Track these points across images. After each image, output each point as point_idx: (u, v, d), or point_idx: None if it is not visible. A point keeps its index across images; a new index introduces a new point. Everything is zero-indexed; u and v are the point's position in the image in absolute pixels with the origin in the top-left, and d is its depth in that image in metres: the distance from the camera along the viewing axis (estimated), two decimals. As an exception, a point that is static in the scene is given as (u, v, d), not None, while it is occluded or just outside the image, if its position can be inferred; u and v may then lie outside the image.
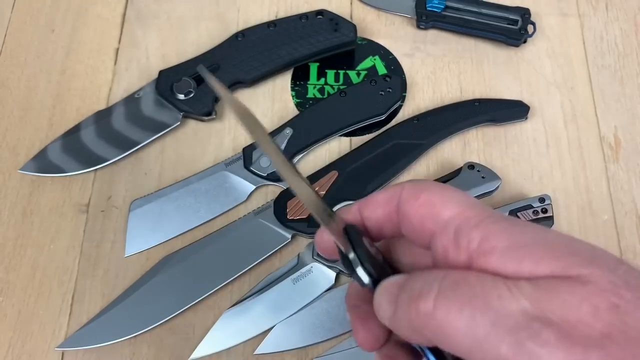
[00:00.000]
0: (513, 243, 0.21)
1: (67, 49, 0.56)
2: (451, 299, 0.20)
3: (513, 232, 0.22)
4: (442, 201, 0.24)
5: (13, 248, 0.47)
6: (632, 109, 0.53)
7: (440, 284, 0.21)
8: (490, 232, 0.22)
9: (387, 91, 0.51)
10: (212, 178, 0.49)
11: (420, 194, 0.25)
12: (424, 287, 0.21)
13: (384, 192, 0.27)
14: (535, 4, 0.57)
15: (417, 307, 0.21)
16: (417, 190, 0.25)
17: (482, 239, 0.22)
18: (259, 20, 0.56)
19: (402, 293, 0.23)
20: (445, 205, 0.24)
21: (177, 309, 0.45)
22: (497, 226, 0.22)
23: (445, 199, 0.24)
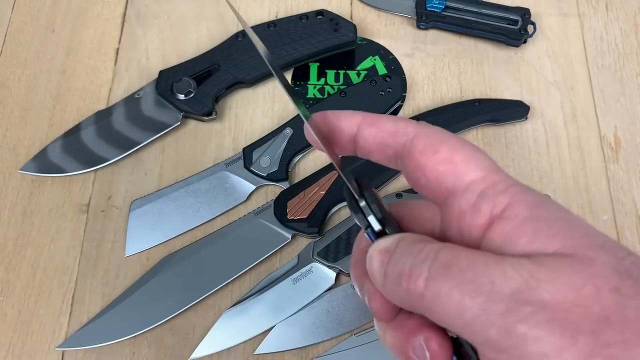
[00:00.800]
0: (535, 215, 0.21)
1: (67, 49, 0.56)
2: (441, 282, 0.20)
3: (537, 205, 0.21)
4: (465, 160, 0.22)
5: (13, 248, 0.47)
6: (632, 109, 0.53)
7: (431, 265, 0.20)
8: (515, 200, 0.21)
9: (387, 91, 0.51)
10: (212, 178, 0.49)
11: (439, 147, 0.23)
12: (415, 266, 0.21)
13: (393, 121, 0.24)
14: (536, 4, 0.57)
15: (407, 287, 0.21)
16: (436, 141, 0.23)
17: (508, 205, 0.21)
18: (259, 20, 0.56)
19: (390, 264, 0.22)
20: (468, 166, 0.22)
21: (177, 309, 0.45)
22: (522, 196, 0.21)
23: (468, 158, 0.22)
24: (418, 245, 0.22)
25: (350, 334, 0.45)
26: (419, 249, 0.21)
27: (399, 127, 0.24)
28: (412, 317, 0.23)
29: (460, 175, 0.22)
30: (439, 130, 0.24)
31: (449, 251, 0.21)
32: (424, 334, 0.23)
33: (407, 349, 0.23)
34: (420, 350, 0.23)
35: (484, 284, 0.19)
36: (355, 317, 0.45)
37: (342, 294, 0.45)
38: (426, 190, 0.24)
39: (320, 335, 0.44)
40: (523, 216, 0.21)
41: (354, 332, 0.45)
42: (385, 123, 0.25)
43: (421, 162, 0.23)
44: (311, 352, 0.44)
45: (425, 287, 0.20)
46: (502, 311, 0.19)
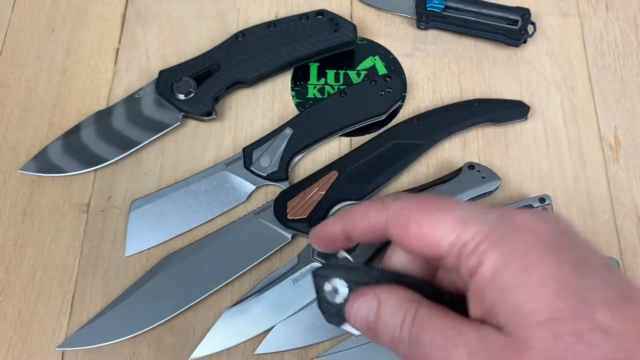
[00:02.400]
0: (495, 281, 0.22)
1: (67, 49, 0.56)
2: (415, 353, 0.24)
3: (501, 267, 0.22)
4: (434, 228, 0.24)
5: (13, 248, 0.47)
6: (632, 109, 0.53)
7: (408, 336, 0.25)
8: (482, 261, 0.23)
9: (387, 91, 0.51)
10: (212, 178, 0.49)
11: (408, 225, 0.25)
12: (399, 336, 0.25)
13: (364, 216, 0.27)
14: (536, 4, 0.57)
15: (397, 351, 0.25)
16: (403, 220, 0.25)
17: (477, 266, 0.23)
18: (259, 20, 0.56)
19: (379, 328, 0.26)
20: (439, 232, 0.24)
21: (177, 309, 0.45)
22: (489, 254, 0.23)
23: (437, 225, 0.24)
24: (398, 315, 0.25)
25: (350, 335, 0.45)
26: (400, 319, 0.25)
27: (372, 223, 0.27)
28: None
29: (437, 243, 0.24)
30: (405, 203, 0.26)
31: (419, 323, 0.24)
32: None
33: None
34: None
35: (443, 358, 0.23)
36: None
37: (342, 294, 0.45)
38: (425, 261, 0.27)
39: (320, 335, 0.44)
40: (486, 280, 0.23)
41: (354, 332, 0.45)
42: (361, 222, 0.28)
43: (400, 243, 0.26)
44: (311, 352, 0.44)
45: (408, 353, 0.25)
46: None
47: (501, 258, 0.23)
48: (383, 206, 0.26)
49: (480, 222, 0.24)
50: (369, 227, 0.27)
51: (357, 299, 0.27)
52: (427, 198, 0.26)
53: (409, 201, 0.26)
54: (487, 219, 0.24)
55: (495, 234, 0.23)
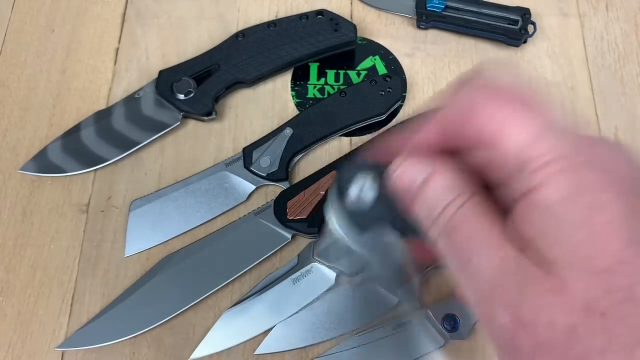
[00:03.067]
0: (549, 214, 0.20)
1: (67, 49, 0.56)
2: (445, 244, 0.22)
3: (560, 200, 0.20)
4: (520, 115, 0.21)
5: (13, 248, 0.47)
6: (633, 109, 0.53)
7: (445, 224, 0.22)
8: (544, 185, 0.20)
9: (387, 91, 0.51)
10: (212, 178, 0.49)
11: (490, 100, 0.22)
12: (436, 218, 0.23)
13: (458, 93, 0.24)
14: (536, 4, 0.57)
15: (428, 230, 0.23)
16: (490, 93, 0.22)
17: (535, 188, 0.20)
18: (259, 20, 0.56)
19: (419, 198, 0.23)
20: (522, 122, 0.21)
21: (177, 309, 0.45)
22: (554, 179, 0.20)
23: (514, 115, 0.21)
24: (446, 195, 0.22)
25: (350, 334, 0.45)
26: (445, 202, 0.22)
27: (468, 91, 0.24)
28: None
29: (503, 136, 0.21)
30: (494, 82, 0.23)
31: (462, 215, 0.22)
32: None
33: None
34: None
35: (471, 264, 0.21)
36: (356, 317, 0.45)
37: (342, 294, 0.45)
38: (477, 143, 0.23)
39: (320, 335, 0.44)
40: (542, 206, 0.20)
41: (354, 332, 0.45)
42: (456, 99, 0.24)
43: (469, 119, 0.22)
44: (311, 353, 0.44)
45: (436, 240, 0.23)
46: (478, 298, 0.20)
47: (572, 186, 0.20)
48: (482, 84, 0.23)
49: (558, 140, 0.21)
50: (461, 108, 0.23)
51: (408, 159, 0.24)
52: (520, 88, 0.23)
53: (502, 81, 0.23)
54: (566, 139, 0.21)
55: (570, 158, 0.20)
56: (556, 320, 0.18)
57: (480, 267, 0.20)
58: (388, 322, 0.44)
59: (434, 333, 0.44)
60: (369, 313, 0.45)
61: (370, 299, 0.45)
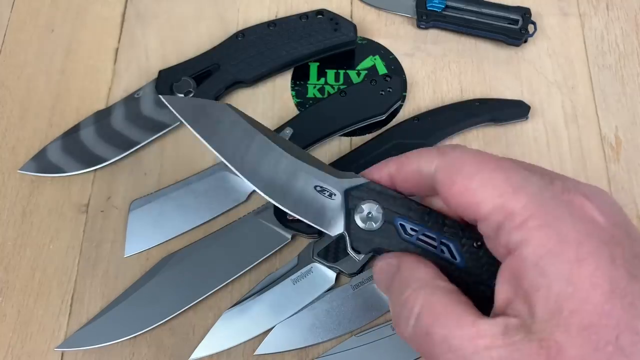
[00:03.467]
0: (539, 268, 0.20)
1: (67, 48, 0.55)
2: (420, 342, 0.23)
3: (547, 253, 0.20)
4: (481, 187, 0.22)
5: (12, 248, 0.47)
6: (633, 109, 0.53)
7: (414, 325, 0.23)
8: (527, 240, 0.21)
9: (388, 91, 0.51)
10: (212, 178, 0.49)
11: (455, 177, 0.23)
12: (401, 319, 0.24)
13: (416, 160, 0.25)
14: (536, 3, 0.57)
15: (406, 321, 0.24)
16: (452, 172, 0.23)
17: (520, 243, 0.21)
18: (259, 20, 0.56)
19: (391, 294, 0.25)
20: (485, 194, 0.22)
21: (177, 309, 0.45)
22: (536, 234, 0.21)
23: (484, 185, 0.22)
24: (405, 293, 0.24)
25: (350, 335, 0.44)
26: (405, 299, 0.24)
27: (421, 167, 0.25)
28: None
29: (479, 204, 0.22)
30: (457, 155, 0.24)
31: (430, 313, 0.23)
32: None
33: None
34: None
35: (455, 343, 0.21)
36: (356, 317, 0.45)
37: (342, 294, 0.45)
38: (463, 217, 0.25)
39: (320, 335, 0.44)
40: (529, 262, 0.20)
41: (354, 332, 0.45)
42: (410, 166, 0.26)
43: (443, 194, 0.24)
44: (311, 353, 0.44)
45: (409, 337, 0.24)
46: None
47: (552, 241, 0.20)
48: (438, 152, 0.24)
49: (534, 194, 0.21)
50: (417, 172, 0.25)
51: (380, 260, 0.27)
52: (484, 153, 0.23)
53: (465, 152, 0.24)
54: (542, 193, 0.21)
55: (548, 212, 0.21)
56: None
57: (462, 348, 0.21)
58: (388, 322, 0.44)
59: (434, 333, 0.44)
60: (369, 313, 0.45)
61: (370, 299, 0.45)
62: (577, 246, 0.20)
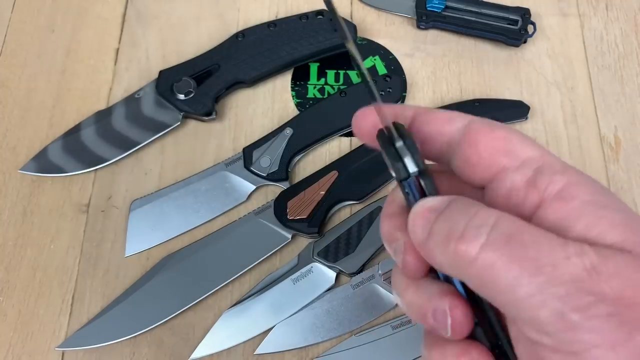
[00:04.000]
0: (596, 200, 0.20)
1: (67, 49, 0.56)
2: (499, 253, 0.19)
3: (597, 191, 0.20)
4: (521, 141, 0.22)
5: (13, 248, 0.47)
6: (632, 109, 0.53)
7: (490, 232, 0.19)
8: (574, 182, 0.20)
9: (388, 91, 0.51)
10: (212, 178, 0.49)
11: (496, 128, 0.23)
12: (470, 229, 0.20)
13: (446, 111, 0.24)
14: (536, 4, 0.57)
15: (456, 248, 0.20)
16: (492, 125, 0.23)
17: (566, 185, 0.20)
18: (259, 20, 0.56)
19: (438, 222, 0.21)
20: (525, 145, 0.22)
21: (177, 309, 0.45)
22: (582, 178, 0.21)
23: (524, 140, 0.22)
24: (474, 207, 0.21)
25: (350, 334, 0.45)
26: (475, 211, 0.20)
27: (454, 116, 0.24)
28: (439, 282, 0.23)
29: (516, 151, 0.22)
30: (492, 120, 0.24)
31: (511, 222, 0.20)
32: (450, 300, 0.22)
33: (427, 312, 0.22)
34: (442, 316, 0.22)
35: (546, 264, 0.18)
36: (356, 317, 0.45)
37: (342, 294, 0.45)
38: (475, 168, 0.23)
39: (320, 335, 0.44)
40: (583, 199, 0.20)
41: (354, 332, 0.45)
42: (439, 112, 0.25)
43: (476, 140, 0.23)
44: (311, 352, 0.44)
45: (479, 252, 0.19)
46: (560, 295, 0.18)
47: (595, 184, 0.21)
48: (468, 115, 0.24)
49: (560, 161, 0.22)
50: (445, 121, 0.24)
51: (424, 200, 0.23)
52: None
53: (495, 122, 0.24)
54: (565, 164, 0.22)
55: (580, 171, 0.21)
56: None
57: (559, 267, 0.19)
58: (388, 322, 0.45)
59: (433, 333, 0.44)
60: (369, 313, 0.45)
61: (370, 299, 0.45)
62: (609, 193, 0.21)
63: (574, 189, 0.20)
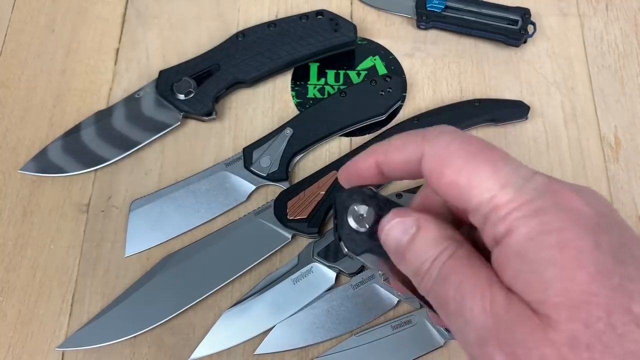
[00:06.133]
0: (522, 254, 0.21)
1: (68, 48, 0.56)
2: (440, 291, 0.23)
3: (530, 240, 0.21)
4: (469, 181, 0.23)
5: (13, 248, 0.47)
6: (632, 109, 0.53)
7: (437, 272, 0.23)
8: (511, 230, 0.21)
9: (387, 91, 0.51)
10: (212, 178, 0.49)
11: (444, 170, 0.23)
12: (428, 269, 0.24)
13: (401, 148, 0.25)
14: (536, 4, 0.57)
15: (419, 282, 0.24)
16: (439, 163, 0.24)
17: (505, 234, 0.21)
18: (259, 20, 0.56)
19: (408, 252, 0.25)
20: (474, 187, 0.22)
21: (177, 309, 0.45)
22: (520, 224, 0.21)
23: (473, 178, 0.22)
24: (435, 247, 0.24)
25: (350, 334, 0.45)
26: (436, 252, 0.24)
27: (408, 156, 0.25)
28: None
29: (467, 196, 0.23)
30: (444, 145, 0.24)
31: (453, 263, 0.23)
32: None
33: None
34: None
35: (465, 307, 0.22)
36: (355, 317, 0.45)
37: (342, 294, 0.45)
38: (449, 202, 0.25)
39: (320, 335, 0.44)
40: (512, 251, 0.21)
41: (354, 332, 0.45)
42: (395, 154, 0.26)
43: (433, 186, 0.24)
44: (311, 353, 0.44)
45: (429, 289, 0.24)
46: (471, 341, 0.21)
47: (535, 229, 0.21)
48: (423, 140, 0.24)
49: (520, 188, 0.22)
50: (403, 161, 0.25)
51: (396, 216, 0.25)
52: (472, 142, 0.24)
53: (452, 141, 0.24)
54: (528, 186, 0.22)
55: (533, 204, 0.21)
56: (547, 355, 0.19)
57: (472, 312, 0.21)
58: (388, 322, 0.44)
59: (433, 332, 0.44)
60: (369, 313, 0.45)
61: (370, 299, 0.45)
62: (560, 233, 0.20)
63: (509, 238, 0.21)
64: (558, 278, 0.20)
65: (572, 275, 0.20)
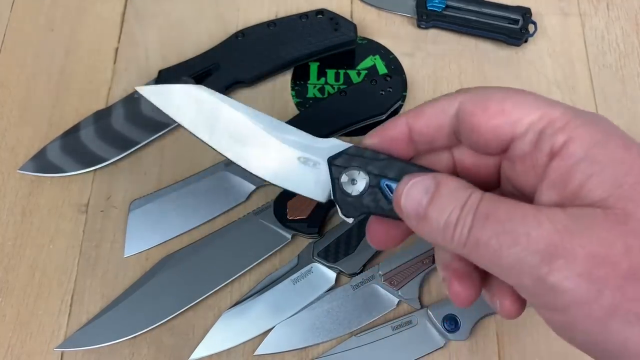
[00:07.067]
0: (590, 155, 0.21)
1: (67, 48, 0.55)
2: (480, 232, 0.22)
3: (595, 144, 0.21)
4: (517, 106, 0.23)
5: (12, 248, 0.47)
6: (634, 109, 0.53)
7: (473, 216, 0.22)
8: (573, 137, 0.22)
9: (388, 91, 0.51)
10: (212, 178, 0.49)
11: (486, 103, 0.23)
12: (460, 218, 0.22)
13: (433, 104, 0.25)
14: (537, 3, 0.57)
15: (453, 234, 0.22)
16: (482, 99, 0.24)
17: (565, 142, 0.22)
18: (259, 20, 0.56)
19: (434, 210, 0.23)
20: (522, 110, 0.23)
21: (177, 309, 0.45)
22: (581, 131, 0.22)
23: (519, 103, 0.23)
24: (462, 193, 0.23)
25: (350, 335, 0.44)
26: (464, 198, 0.23)
27: (442, 105, 0.25)
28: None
29: (516, 121, 0.23)
30: (479, 89, 0.24)
31: (489, 202, 0.22)
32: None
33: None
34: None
35: (521, 234, 0.21)
36: (356, 317, 0.45)
37: (342, 294, 0.45)
38: (486, 147, 0.25)
39: (320, 336, 0.44)
40: (578, 156, 0.21)
41: (354, 333, 0.45)
42: (427, 109, 0.26)
43: (475, 124, 0.24)
44: (311, 353, 0.44)
45: (467, 236, 0.22)
46: (535, 263, 0.20)
47: (598, 135, 0.21)
48: (455, 94, 0.25)
49: (567, 107, 0.23)
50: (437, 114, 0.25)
51: (411, 179, 0.25)
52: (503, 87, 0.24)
53: (489, 87, 0.24)
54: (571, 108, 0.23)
55: (585, 116, 0.22)
56: (632, 246, 0.20)
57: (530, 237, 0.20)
58: (388, 323, 0.44)
59: (434, 333, 0.44)
60: (369, 314, 0.45)
61: (370, 299, 0.45)
62: (622, 137, 0.22)
63: (571, 145, 0.22)
64: (630, 173, 0.21)
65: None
